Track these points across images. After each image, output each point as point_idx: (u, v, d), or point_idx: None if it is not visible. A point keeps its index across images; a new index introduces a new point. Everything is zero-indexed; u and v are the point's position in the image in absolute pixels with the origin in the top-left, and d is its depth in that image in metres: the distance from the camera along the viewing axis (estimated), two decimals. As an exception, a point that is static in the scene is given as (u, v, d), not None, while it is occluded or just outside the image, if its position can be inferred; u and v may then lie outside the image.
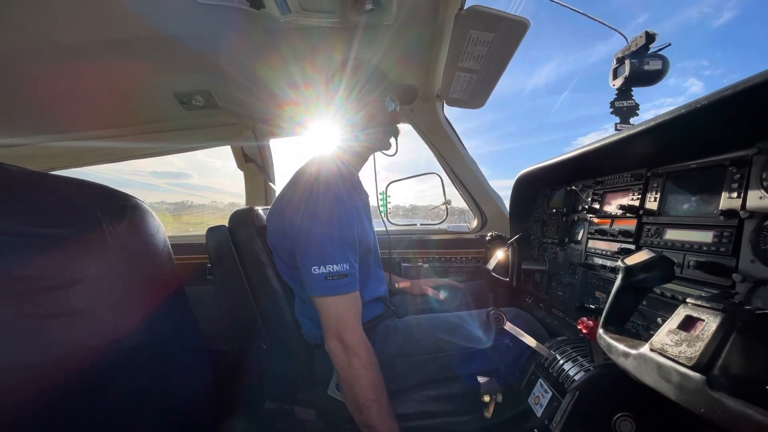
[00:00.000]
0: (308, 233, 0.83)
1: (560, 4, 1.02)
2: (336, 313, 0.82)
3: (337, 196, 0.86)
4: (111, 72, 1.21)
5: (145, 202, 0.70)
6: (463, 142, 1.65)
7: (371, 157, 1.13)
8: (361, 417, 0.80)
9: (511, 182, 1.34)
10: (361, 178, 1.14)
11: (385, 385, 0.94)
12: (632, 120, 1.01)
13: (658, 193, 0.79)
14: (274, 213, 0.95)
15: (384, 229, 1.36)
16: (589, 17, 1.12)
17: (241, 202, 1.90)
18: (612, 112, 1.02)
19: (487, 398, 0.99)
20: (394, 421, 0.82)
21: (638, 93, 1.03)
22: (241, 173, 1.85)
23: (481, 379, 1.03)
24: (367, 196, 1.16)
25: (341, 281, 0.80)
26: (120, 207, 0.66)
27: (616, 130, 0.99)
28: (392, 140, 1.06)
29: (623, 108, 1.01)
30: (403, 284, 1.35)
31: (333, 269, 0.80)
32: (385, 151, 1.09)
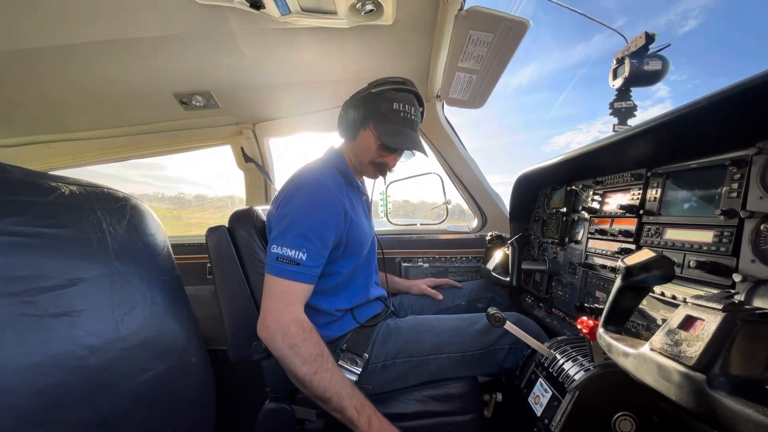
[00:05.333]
0: (281, 216, 0.88)
1: (561, 5, 1.02)
2: (273, 294, 0.83)
3: (318, 189, 0.89)
4: (111, 72, 1.21)
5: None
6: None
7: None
8: (306, 390, 0.81)
9: (498, 178, 1.34)
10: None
11: (385, 385, 0.94)
12: (630, 121, 1.01)
13: (658, 193, 0.79)
14: (272, 205, 0.99)
15: (384, 228, 1.36)
16: (589, 18, 1.12)
17: (209, 193, 1.90)
18: (611, 113, 1.02)
19: (487, 398, 0.99)
20: (343, 383, 0.80)
21: (606, 96, 1.03)
22: (212, 163, 1.85)
23: (481, 379, 1.03)
24: (367, 197, 1.16)
25: (290, 266, 0.83)
26: (120, 207, 0.66)
27: (614, 131, 0.99)
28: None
29: (622, 109, 1.01)
30: (403, 284, 1.35)
31: (286, 253, 0.83)
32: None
